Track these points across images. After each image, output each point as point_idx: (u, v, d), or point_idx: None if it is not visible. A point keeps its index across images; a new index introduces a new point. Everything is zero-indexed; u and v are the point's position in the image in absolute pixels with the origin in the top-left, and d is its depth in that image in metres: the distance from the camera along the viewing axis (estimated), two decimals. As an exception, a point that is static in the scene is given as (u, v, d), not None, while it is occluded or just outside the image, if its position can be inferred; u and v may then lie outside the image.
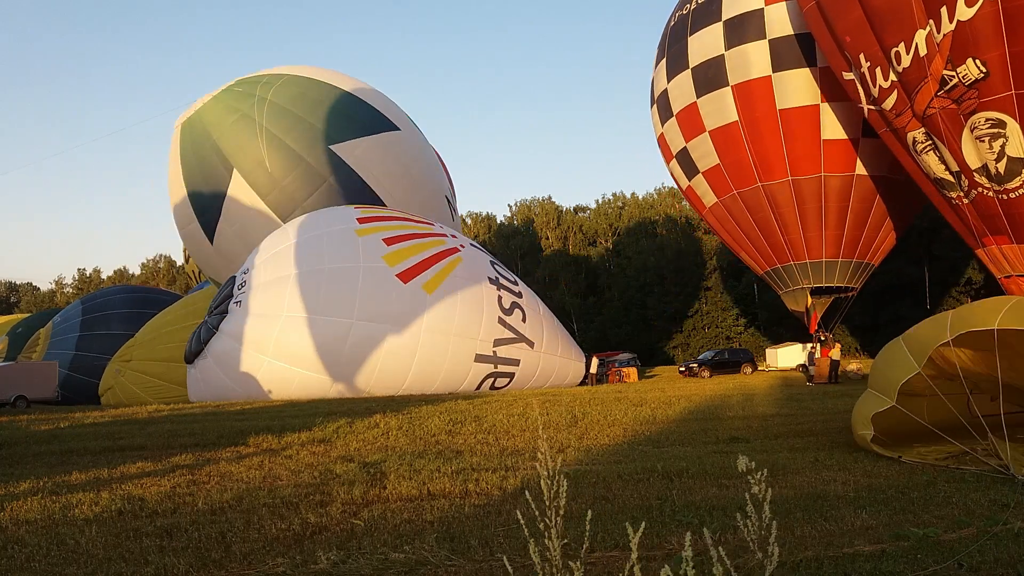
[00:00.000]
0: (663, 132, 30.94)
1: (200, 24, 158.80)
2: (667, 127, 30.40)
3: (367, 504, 7.08)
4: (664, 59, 29.95)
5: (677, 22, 29.55)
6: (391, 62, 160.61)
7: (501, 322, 23.81)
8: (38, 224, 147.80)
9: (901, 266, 41.06)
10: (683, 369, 34.66)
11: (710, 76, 27.57)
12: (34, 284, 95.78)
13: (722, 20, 27.24)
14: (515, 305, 24.58)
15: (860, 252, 28.23)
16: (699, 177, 29.84)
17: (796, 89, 26.17)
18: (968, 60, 18.86)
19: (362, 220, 24.25)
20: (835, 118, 26.10)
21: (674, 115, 29.57)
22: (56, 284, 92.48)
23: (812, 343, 29.90)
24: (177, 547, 5.61)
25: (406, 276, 22.60)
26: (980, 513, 6.37)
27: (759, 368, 35.55)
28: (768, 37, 26.29)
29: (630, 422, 13.60)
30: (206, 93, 30.37)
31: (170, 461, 9.87)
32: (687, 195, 32.75)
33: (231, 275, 25.09)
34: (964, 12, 18.45)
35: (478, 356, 23.20)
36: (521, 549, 5.34)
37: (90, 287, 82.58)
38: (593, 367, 29.76)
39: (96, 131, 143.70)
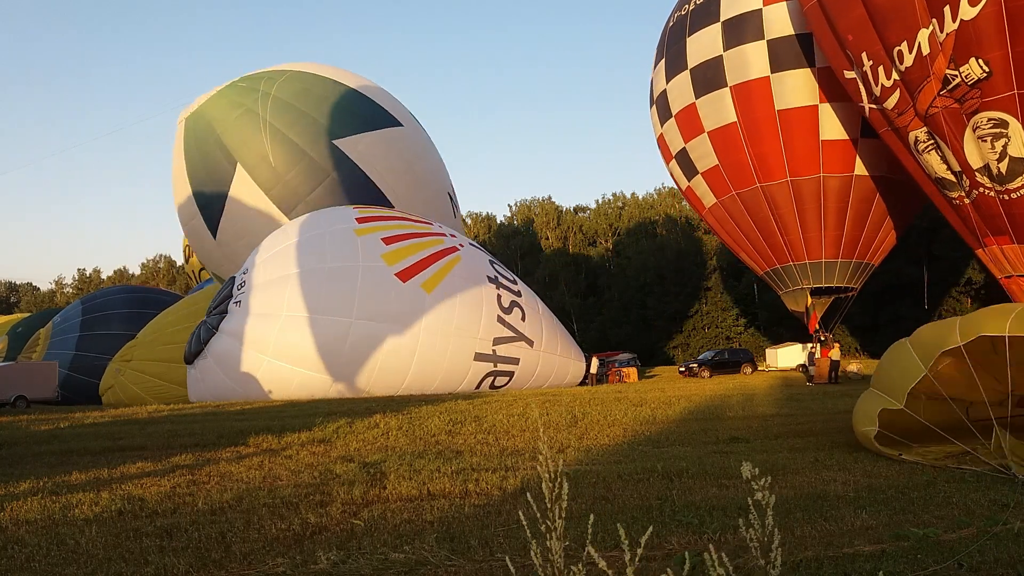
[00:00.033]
0: (662, 133, 30.96)
1: (200, 24, 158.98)
2: (666, 128, 30.40)
3: (367, 504, 7.08)
4: (663, 60, 29.96)
5: (676, 23, 29.53)
6: (391, 62, 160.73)
7: (500, 321, 23.82)
8: (38, 224, 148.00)
9: (901, 266, 41.06)
10: (683, 369, 34.67)
11: (709, 77, 27.57)
12: (34, 284, 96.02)
13: (720, 21, 27.24)
14: (514, 304, 24.58)
15: (860, 252, 28.22)
16: (698, 178, 29.84)
17: (795, 89, 26.17)
18: (971, 59, 18.87)
19: (361, 220, 24.26)
20: (834, 118, 26.11)
21: (673, 116, 29.58)
22: (56, 284, 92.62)
23: (812, 343, 29.88)
24: (177, 547, 5.61)
25: (405, 275, 22.61)
26: (980, 513, 6.37)
27: (759, 368, 35.55)
28: (767, 38, 26.29)
29: (630, 422, 13.60)
30: (207, 91, 30.43)
31: (170, 461, 9.87)
32: (687, 196, 32.75)
33: (234, 269, 25.12)
34: (967, 11, 18.45)
35: (477, 355, 23.21)
36: (521, 549, 5.33)
37: (90, 287, 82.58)
38: (593, 367, 29.76)
39: (96, 131, 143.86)
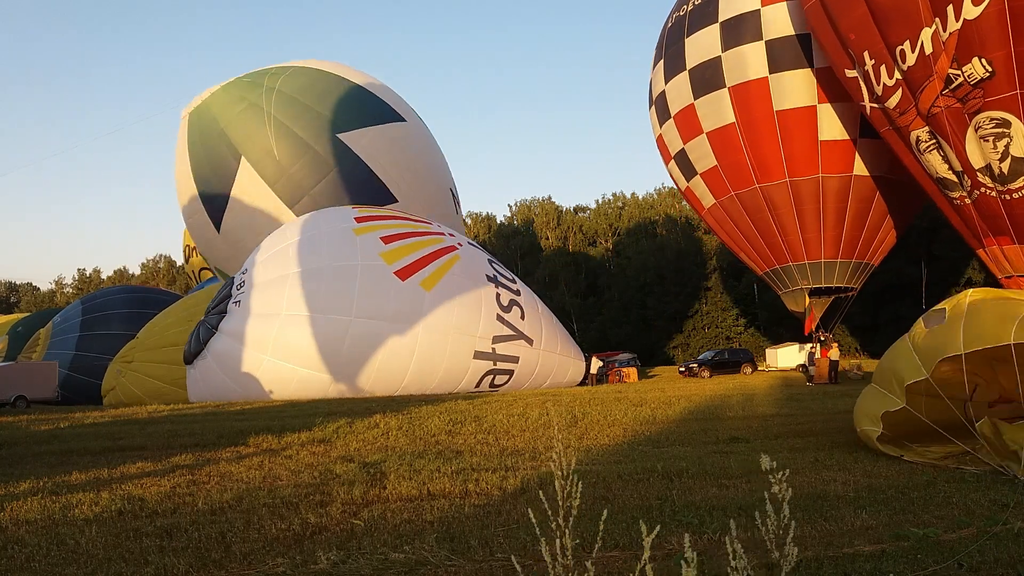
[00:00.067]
0: (661, 133, 30.94)
1: (200, 23, 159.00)
2: (665, 128, 30.39)
3: (367, 504, 7.08)
4: (662, 60, 29.93)
5: (674, 23, 29.48)
6: (391, 62, 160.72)
7: (500, 319, 23.82)
8: (38, 224, 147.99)
9: (901, 266, 41.07)
10: (683, 369, 34.66)
11: (707, 78, 27.54)
12: (34, 284, 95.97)
13: (719, 21, 27.19)
14: (513, 303, 24.59)
15: (859, 252, 28.19)
16: (697, 178, 29.83)
17: (793, 90, 26.13)
18: (974, 59, 18.82)
19: (360, 219, 24.32)
20: (832, 119, 26.07)
21: (672, 117, 29.56)
22: (56, 284, 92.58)
23: (812, 343, 29.87)
24: (177, 547, 5.61)
25: (404, 273, 22.63)
26: (980, 513, 6.37)
27: (759, 368, 35.55)
28: (765, 38, 26.24)
29: (630, 422, 13.60)
30: (209, 89, 30.49)
31: (170, 461, 9.88)
32: (686, 196, 32.75)
33: (237, 264, 25.16)
34: (971, 11, 18.39)
35: (477, 353, 23.20)
36: (521, 549, 5.33)
37: (90, 287, 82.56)
38: (594, 367, 29.76)
39: (96, 130, 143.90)
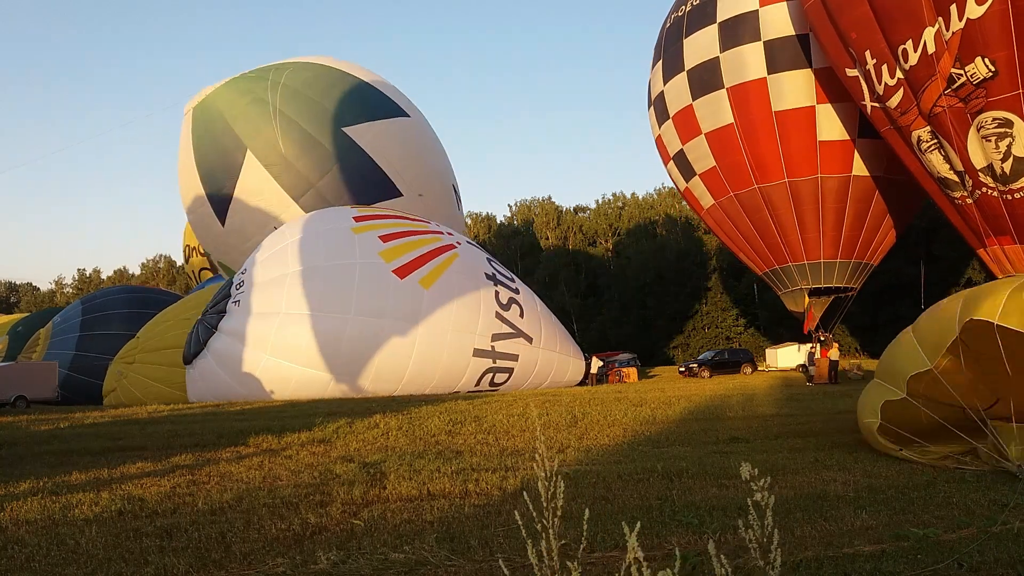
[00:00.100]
0: (660, 134, 30.95)
1: (200, 23, 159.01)
2: (664, 129, 30.40)
3: (367, 504, 7.08)
4: (660, 61, 29.92)
5: (673, 24, 29.46)
6: (391, 62, 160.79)
7: (499, 317, 23.85)
8: (38, 224, 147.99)
9: (900, 266, 41.05)
10: (683, 369, 34.67)
11: (705, 78, 27.53)
12: (34, 284, 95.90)
13: (717, 22, 27.19)
14: (512, 301, 24.62)
15: (859, 252, 28.20)
16: (696, 179, 29.83)
17: (791, 91, 26.14)
18: (977, 59, 18.79)
19: (358, 218, 24.41)
20: (831, 119, 26.07)
21: (670, 117, 29.56)
22: (56, 284, 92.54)
23: (812, 343, 29.87)
24: (177, 547, 5.61)
25: (402, 272, 22.67)
26: (980, 513, 6.37)
27: (759, 368, 35.55)
28: (763, 39, 26.24)
29: (630, 422, 13.60)
30: (212, 86, 30.58)
31: (170, 461, 9.88)
32: (685, 196, 32.75)
33: (242, 257, 25.26)
34: (974, 10, 18.36)
35: (476, 351, 23.22)
36: (521, 549, 5.33)
37: (90, 287, 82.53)
38: (594, 367, 29.77)
39: (96, 130, 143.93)
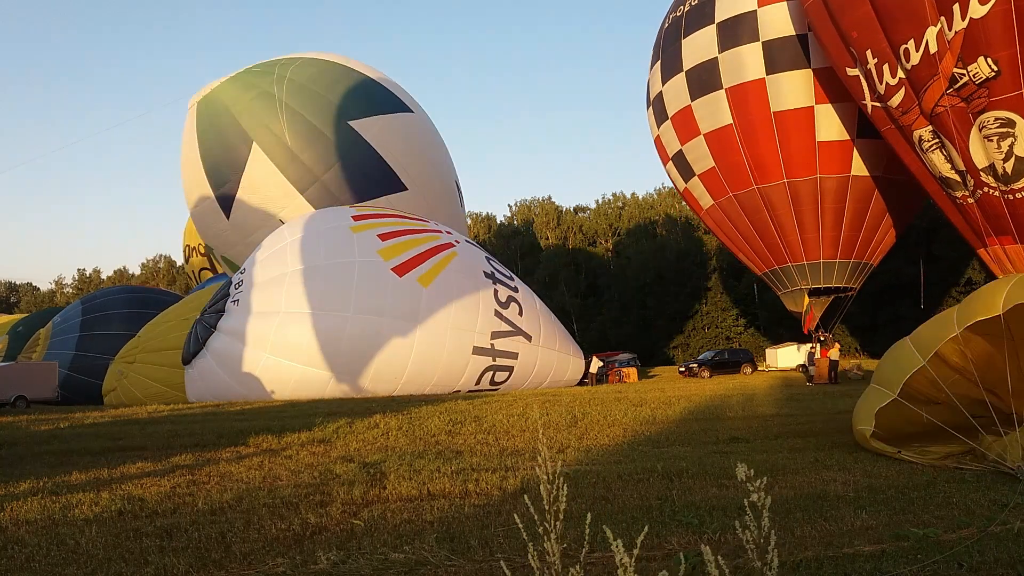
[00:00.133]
0: (659, 134, 30.94)
1: (200, 23, 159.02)
2: (663, 130, 30.38)
3: (367, 504, 7.08)
4: (659, 62, 29.90)
5: (671, 24, 29.42)
6: (391, 62, 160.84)
7: (498, 315, 23.87)
8: (38, 224, 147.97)
9: (900, 266, 41.04)
10: (683, 369, 34.67)
11: (704, 79, 27.50)
12: (34, 284, 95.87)
13: (715, 23, 27.14)
14: (511, 299, 24.65)
15: (858, 252, 28.19)
16: (695, 179, 29.82)
17: (790, 91, 26.11)
18: (979, 58, 18.74)
19: (357, 217, 24.44)
20: (830, 119, 26.04)
21: (669, 118, 29.54)
22: (56, 284, 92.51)
23: (812, 343, 29.87)
24: (177, 547, 5.61)
25: (401, 270, 22.70)
26: (980, 513, 6.36)
27: (759, 368, 35.56)
28: (761, 39, 26.20)
29: (630, 422, 13.60)
30: (216, 80, 30.66)
31: (170, 461, 9.88)
32: (684, 197, 32.74)
33: (247, 250, 25.32)
34: (977, 10, 18.32)
35: (476, 349, 23.23)
36: (522, 549, 5.33)
37: (90, 287, 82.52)
38: (594, 367, 29.78)
39: (96, 129, 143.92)
